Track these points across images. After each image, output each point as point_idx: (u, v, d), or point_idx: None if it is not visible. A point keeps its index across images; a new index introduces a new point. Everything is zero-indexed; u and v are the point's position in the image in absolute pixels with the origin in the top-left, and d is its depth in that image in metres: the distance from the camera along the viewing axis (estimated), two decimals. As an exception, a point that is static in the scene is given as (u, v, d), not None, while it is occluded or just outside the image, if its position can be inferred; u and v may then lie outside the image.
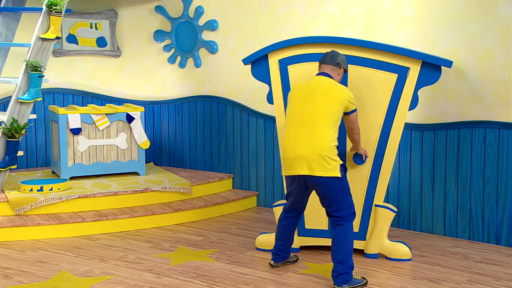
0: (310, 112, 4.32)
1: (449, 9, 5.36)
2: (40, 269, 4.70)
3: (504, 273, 4.62)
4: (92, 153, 6.48)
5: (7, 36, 6.40)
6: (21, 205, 5.61)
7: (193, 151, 7.19)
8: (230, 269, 4.71)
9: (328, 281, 4.46)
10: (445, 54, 5.30)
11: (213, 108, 6.97)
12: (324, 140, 4.25)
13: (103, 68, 7.40)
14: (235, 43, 6.73)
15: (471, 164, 5.35)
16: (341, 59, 4.52)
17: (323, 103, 4.31)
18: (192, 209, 6.08)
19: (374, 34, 5.73)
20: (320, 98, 4.33)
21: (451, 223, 5.50)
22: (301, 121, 4.33)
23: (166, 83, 7.33)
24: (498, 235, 5.28)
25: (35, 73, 5.77)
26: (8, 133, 5.75)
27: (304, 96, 4.38)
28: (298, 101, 4.40)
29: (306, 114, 4.33)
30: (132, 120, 6.57)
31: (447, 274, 4.62)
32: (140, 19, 7.33)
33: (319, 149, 4.23)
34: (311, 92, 4.38)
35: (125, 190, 5.99)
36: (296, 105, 4.40)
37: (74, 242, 5.37)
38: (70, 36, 7.18)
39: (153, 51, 7.35)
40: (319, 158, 4.23)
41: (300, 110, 4.36)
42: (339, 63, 4.49)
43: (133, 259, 4.94)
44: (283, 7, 6.33)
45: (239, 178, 6.84)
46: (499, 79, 5.18)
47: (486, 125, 5.25)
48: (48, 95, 7.14)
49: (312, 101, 4.34)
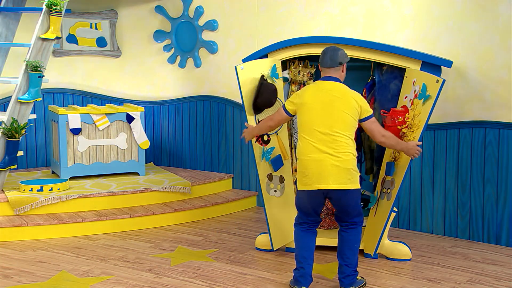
0: (329, 122, 4.13)
1: (449, 9, 5.36)
2: (40, 269, 4.70)
3: (504, 273, 4.62)
4: (92, 153, 6.48)
5: (7, 36, 6.40)
6: (21, 205, 5.61)
7: (193, 151, 7.19)
8: (230, 269, 4.71)
9: (328, 281, 4.46)
10: (445, 54, 5.30)
11: (213, 108, 6.97)
12: (347, 152, 4.12)
13: (103, 68, 7.40)
14: (235, 43, 6.72)
15: (471, 164, 5.35)
16: (340, 56, 4.27)
17: (342, 112, 4.14)
18: (192, 209, 6.08)
19: (374, 34, 5.73)
20: (338, 108, 4.14)
21: (451, 223, 5.50)
22: (321, 133, 4.14)
23: (166, 83, 7.33)
24: (498, 235, 5.28)
25: (35, 73, 5.77)
26: (8, 133, 5.75)
27: (321, 106, 4.18)
28: (314, 110, 4.19)
29: (325, 125, 4.13)
30: (132, 120, 6.57)
31: (447, 274, 4.62)
32: (140, 19, 7.34)
33: (345, 162, 4.10)
34: (328, 102, 4.17)
35: (125, 190, 5.99)
36: (313, 115, 4.19)
37: (74, 242, 5.37)
38: (70, 36, 7.18)
39: (153, 51, 7.35)
40: (345, 172, 4.10)
41: (318, 120, 4.16)
42: (341, 62, 4.26)
43: (133, 259, 4.94)
44: (283, 7, 6.34)
45: (239, 178, 6.84)
46: (499, 79, 5.18)
47: (486, 125, 5.25)
48: (48, 95, 7.14)
49: (330, 111, 4.15)
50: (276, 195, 5.01)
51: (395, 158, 4.70)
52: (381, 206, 4.85)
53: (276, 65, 4.96)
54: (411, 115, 4.59)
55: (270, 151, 4.94)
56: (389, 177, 4.77)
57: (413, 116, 4.58)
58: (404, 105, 4.70)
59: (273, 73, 4.94)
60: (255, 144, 4.91)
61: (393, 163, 4.70)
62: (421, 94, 4.53)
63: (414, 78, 4.64)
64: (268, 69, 4.92)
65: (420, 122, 4.52)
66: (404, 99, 4.72)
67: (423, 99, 4.52)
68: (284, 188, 5.02)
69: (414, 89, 4.61)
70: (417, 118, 4.55)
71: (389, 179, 4.77)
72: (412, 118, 4.58)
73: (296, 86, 5.14)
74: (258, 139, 4.92)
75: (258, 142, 4.91)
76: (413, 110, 4.59)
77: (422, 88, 4.53)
